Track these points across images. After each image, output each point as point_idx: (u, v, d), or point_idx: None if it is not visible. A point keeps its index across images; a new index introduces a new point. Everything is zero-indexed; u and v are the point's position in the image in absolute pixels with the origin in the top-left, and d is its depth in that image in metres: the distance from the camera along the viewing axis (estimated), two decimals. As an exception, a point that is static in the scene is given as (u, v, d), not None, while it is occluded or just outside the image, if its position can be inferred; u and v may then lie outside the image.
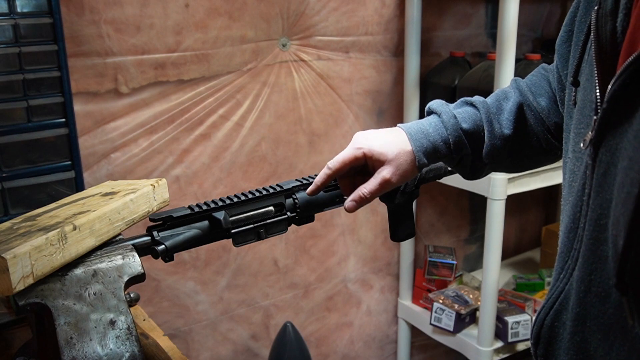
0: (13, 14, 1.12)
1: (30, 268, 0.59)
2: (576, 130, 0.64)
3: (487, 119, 0.81)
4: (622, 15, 0.56)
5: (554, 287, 0.65)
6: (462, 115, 0.82)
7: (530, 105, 0.84)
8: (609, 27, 0.57)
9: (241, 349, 1.75)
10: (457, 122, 0.81)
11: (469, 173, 0.86)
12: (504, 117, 0.82)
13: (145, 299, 1.52)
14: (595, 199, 0.57)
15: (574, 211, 0.62)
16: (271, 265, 1.73)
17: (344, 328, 1.96)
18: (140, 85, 1.41)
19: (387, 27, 1.76)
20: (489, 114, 0.82)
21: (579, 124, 0.64)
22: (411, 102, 1.80)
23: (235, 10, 1.50)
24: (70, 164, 1.20)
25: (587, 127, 0.60)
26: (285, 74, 1.62)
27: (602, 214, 0.56)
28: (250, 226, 0.77)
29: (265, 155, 1.64)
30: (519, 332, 1.75)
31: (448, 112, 0.82)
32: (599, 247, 0.57)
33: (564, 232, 0.64)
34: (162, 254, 0.70)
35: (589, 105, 0.61)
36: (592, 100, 0.59)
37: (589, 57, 0.63)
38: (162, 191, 0.85)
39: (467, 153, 0.82)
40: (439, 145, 0.80)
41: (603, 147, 0.56)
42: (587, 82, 0.63)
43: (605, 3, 0.58)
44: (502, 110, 0.83)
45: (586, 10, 0.68)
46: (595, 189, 0.57)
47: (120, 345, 0.63)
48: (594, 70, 0.58)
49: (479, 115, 0.82)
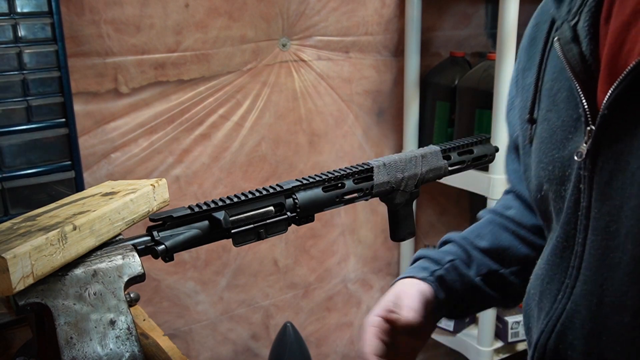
0: (13, 14, 1.12)
1: (30, 268, 0.59)
2: (547, 159, 0.65)
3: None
4: (586, 40, 0.59)
5: (552, 310, 0.63)
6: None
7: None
8: (576, 52, 0.60)
9: (241, 349, 1.75)
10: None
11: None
12: (476, 234, 0.86)
13: (145, 299, 1.52)
14: (601, 208, 0.57)
15: (566, 230, 0.61)
16: (271, 265, 1.73)
17: (344, 328, 1.96)
18: (140, 85, 1.41)
19: (387, 27, 1.76)
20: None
21: (549, 151, 0.65)
22: (411, 102, 1.80)
23: (235, 10, 1.50)
24: (70, 164, 1.20)
25: (564, 149, 0.62)
26: (285, 74, 1.62)
27: (611, 220, 0.55)
28: (250, 226, 0.77)
29: (265, 155, 1.64)
30: (519, 332, 1.75)
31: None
32: (610, 255, 0.56)
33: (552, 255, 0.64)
34: (162, 254, 0.70)
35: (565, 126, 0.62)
36: (575, 117, 0.61)
37: (548, 88, 0.66)
38: (162, 191, 0.85)
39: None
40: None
41: (602, 155, 0.56)
42: (551, 110, 0.65)
43: (563, 34, 0.61)
44: (473, 230, 0.87)
45: (528, 58, 0.73)
46: (599, 198, 0.57)
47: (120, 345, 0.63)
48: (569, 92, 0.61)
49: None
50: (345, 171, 0.86)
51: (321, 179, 0.84)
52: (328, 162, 1.75)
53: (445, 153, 0.94)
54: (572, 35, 0.60)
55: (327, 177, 0.84)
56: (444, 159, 0.94)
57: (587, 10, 0.60)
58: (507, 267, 0.83)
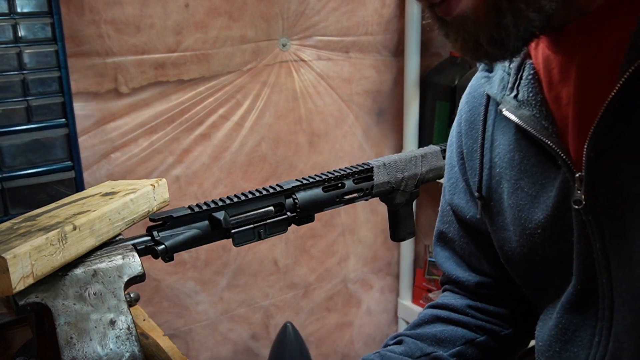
0: (13, 14, 1.12)
1: (30, 268, 0.59)
2: (532, 224, 0.66)
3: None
4: (537, 107, 0.62)
5: (592, 355, 0.62)
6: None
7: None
8: (529, 115, 0.62)
9: (241, 349, 1.75)
10: None
11: None
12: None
13: (145, 299, 1.52)
14: (619, 243, 0.57)
15: (584, 276, 0.61)
16: (271, 265, 1.73)
17: (344, 328, 1.96)
18: (140, 85, 1.42)
19: (387, 27, 1.76)
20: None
21: (531, 216, 0.65)
22: (411, 102, 1.80)
23: (235, 10, 1.50)
24: (70, 164, 1.20)
25: (548, 209, 0.63)
26: (285, 74, 1.62)
27: (634, 251, 0.56)
28: (250, 226, 0.77)
29: (265, 155, 1.64)
30: (519, 332, 1.75)
31: None
32: (636, 284, 0.56)
33: (571, 305, 0.64)
34: (162, 254, 0.70)
35: (547, 186, 0.63)
36: (552, 174, 0.62)
37: (506, 163, 0.68)
38: (162, 191, 0.85)
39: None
40: None
41: (600, 196, 0.57)
42: (529, 176, 0.65)
43: (509, 104, 0.65)
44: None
45: (473, 142, 0.75)
46: (614, 235, 0.57)
47: (120, 345, 0.63)
48: (540, 153, 0.63)
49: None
50: (345, 171, 0.86)
51: (321, 179, 0.84)
52: (328, 162, 1.76)
53: (445, 153, 0.94)
54: (517, 104, 0.64)
55: (327, 177, 0.84)
56: (444, 158, 0.94)
57: (526, 84, 0.64)
58: (447, 349, 0.83)
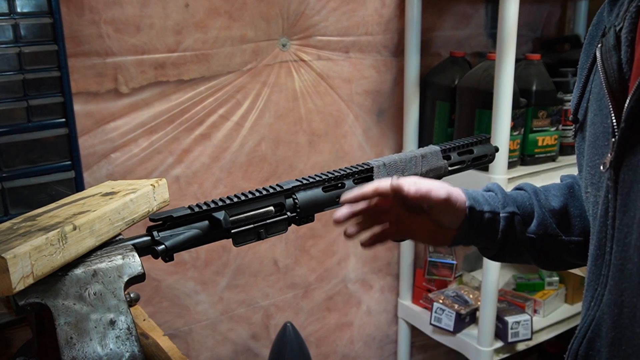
0: (13, 14, 1.12)
1: (30, 268, 0.59)
2: (590, 163, 0.66)
3: (535, 195, 0.84)
4: (625, 47, 0.59)
5: (586, 317, 0.64)
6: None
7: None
8: (614, 60, 0.60)
9: (241, 349, 1.75)
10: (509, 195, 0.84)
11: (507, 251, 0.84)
12: (551, 193, 0.84)
13: (145, 299, 1.52)
14: (622, 219, 0.57)
15: (599, 237, 0.62)
16: (271, 265, 1.73)
17: (344, 328, 1.96)
18: (140, 85, 1.42)
19: (387, 27, 1.76)
20: (537, 192, 0.84)
21: (592, 156, 0.65)
22: (411, 102, 1.80)
23: (235, 10, 1.50)
24: (70, 164, 1.20)
25: (602, 156, 0.62)
26: (285, 74, 1.62)
27: (628, 232, 0.56)
28: (250, 226, 0.77)
29: (265, 155, 1.64)
30: (519, 332, 1.75)
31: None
32: (626, 265, 0.57)
33: (591, 261, 0.64)
34: (162, 254, 0.70)
35: (603, 134, 0.62)
36: (608, 127, 0.61)
37: (596, 92, 0.65)
38: (162, 191, 0.85)
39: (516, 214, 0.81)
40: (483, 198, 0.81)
41: (624, 167, 0.57)
42: (597, 115, 0.65)
43: (607, 40, 0.61)
44: (548, 189, 0.86)
45: (586, 57, 0.71)
46: (620, 209, 0.57)
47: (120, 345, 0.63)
48: (604, 101, 0.61)
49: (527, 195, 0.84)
50: (345, 171, 0.86)
51: (321, 179, 0.84)
52: (328, 162, 1.75)
53: (445, 153, 0.94)
54: (614, 42, 0.60)
55: (327, 177, 0.84)
56: (444, 159, 0.94)
57: (629, 16, 0.59)
58: (570, 235, 0.82)
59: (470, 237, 0.81)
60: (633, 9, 0.59)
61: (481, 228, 0.80)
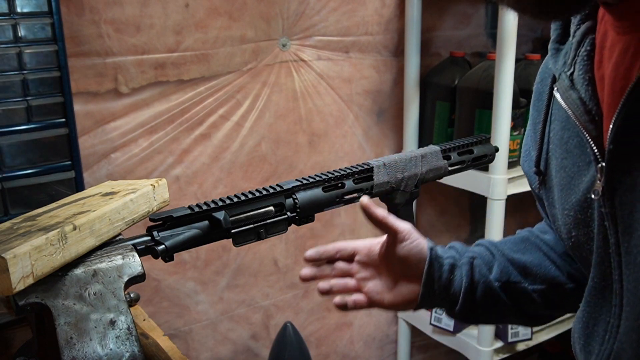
0: (13, 14, 1.12)
1: (30, 268, 0.59)
2: (568, 205, 0.67)
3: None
4: (584, 87, 0.62)
5: (601, 352, 0.63)
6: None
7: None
8: (575, 97, 0.63)
9: (241, 349, 1.75)
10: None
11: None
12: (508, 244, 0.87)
13: (145, 299, 1.52)
14: (630, 241, 0.56)
15: (601, 270, 0.62)
16: (271, 265, 1.73)
17: (344, 328, 1.96)
18: (140, 85, 1.42)
19: (387, 27, 1.76)
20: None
21: (569, 197, 0.67)
22: (411, 102, 1.80)
23: (235, 10, 1.50)
24: (70, 164, 1.20)
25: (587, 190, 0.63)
26: (285, 74, 1.62)
27: (638, 252, 0.55)
28: (250, 226, 0.77)
29: (265, 155, 1.64)
30: (519, 332, 1.75)
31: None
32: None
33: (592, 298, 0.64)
34: (162, 254, 0.70)
35: (580, 170, 0.65)
36: (587, 158, 0.63)
37: (557, 139, 0.69)
38: (162, 191, 0.85)
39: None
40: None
41: (619, 189, 0.57)
42: (566, 158, 0.68)
43: (561, 84, 0.65)
44: (505, 241, 0.89)
45: (537, 113, 0.75)
46: (625, 232, 0.57)
47: (120, 345, 0.63)
48: (572, 141, 0.65)
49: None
50: (345, 171, 0.86)
51: (321, 179, 0.84)
52: (328, 162, 1.75)
53: (445, 153, 0.94)
54: (569, 84, 0.64)
55: (327, 177, 0.84)
56: (444, 159, 0.94)
57: (580, 61, 0.64)
58: (532, 283, 0.83)
59: (435, 295, 0.84)
60: (584, 53, 0.63)
61: (442, 275, 0.82)
